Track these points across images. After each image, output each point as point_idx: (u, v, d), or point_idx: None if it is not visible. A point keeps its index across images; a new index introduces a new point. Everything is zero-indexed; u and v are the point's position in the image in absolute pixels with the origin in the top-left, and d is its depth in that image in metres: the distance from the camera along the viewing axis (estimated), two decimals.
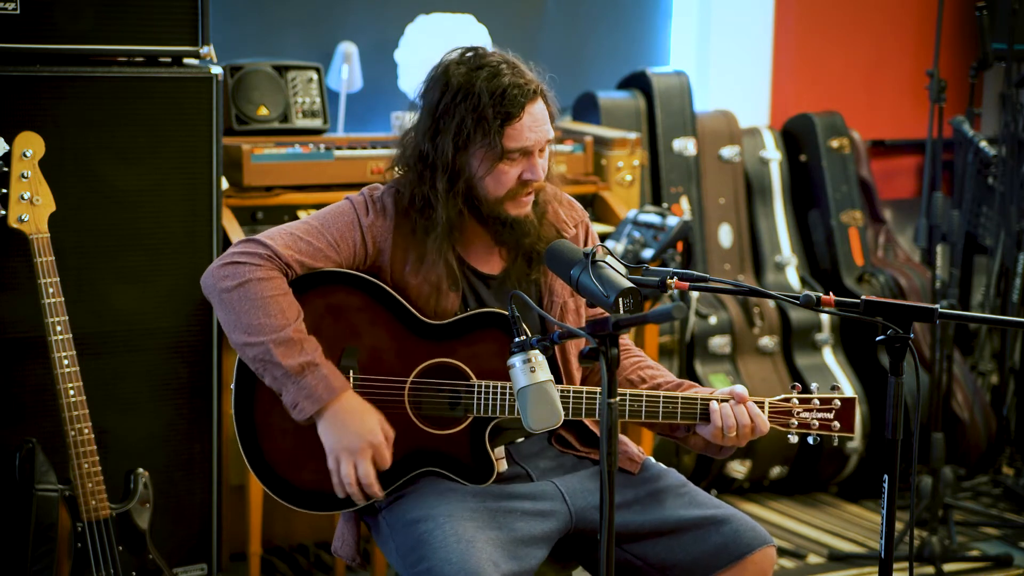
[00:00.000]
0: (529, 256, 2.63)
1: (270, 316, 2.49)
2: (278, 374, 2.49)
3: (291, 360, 2.48)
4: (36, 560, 3.10)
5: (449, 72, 2.57)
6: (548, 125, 2.59)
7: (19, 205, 3.08)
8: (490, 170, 2.55)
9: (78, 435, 3.07)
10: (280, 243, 2.56)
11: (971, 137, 4.80)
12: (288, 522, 4.14)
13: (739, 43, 5.19)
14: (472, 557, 2.40)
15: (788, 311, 4.88)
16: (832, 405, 2.60)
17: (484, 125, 2.52)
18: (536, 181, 2.57)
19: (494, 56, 2.59)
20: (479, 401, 2.57)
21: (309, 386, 2.48)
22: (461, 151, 2.55)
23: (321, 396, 2.48)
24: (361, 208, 2.62)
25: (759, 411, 2.57)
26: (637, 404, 2.57)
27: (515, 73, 2.56)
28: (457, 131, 2.53)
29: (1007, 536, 4.51)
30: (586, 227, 2.78)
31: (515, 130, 2.53)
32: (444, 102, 2.56)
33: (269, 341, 2.48)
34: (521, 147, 2.54)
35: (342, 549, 2.70)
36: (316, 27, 4.55)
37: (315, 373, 2.49)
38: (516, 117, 2.53)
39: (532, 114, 2.55)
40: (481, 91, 2.52)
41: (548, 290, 2.69)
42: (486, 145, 2.53)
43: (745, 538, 2.56)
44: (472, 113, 2.52)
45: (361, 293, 2.60)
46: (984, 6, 4.59)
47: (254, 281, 2.51)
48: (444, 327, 2.59)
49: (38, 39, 3.28)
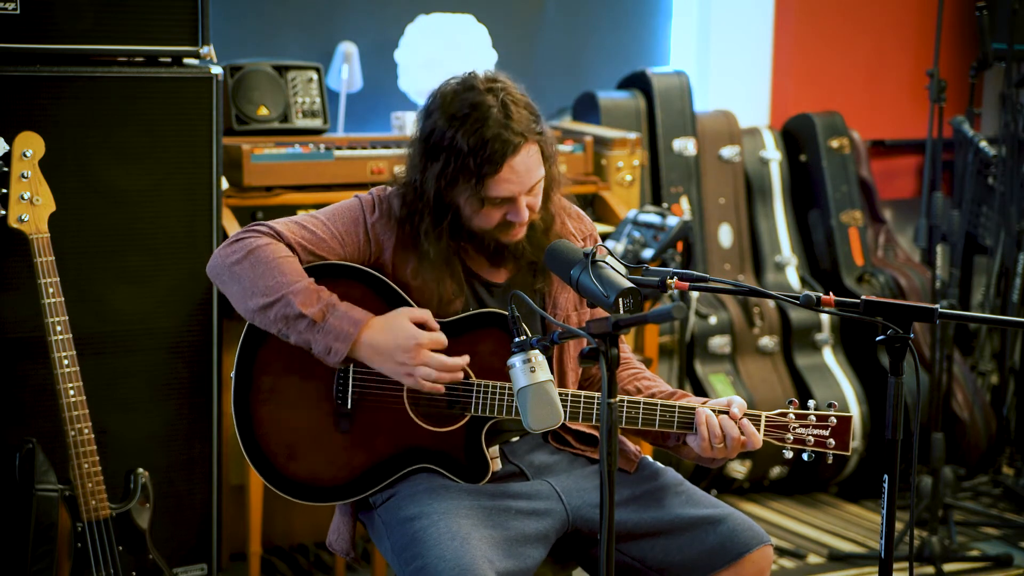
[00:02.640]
0: (534, 267, 2.64)
1: (284, 274, 2.52)
2: (302, 326, 2.50)
3: (311, 307, 2.49)
4: (36, 560, 3.10)
5: (440, 109, 2.55)
6: (536, 170, 2.55)
7: (19, 205, 3.08)
8: (475, 211, 2.56)
9: (78, 435, 3.07)
10: (282, 227, 2.60)
11: (971, 137, 4.80)
12: (288, 522, 4.14)
13: (739, 43, 5.19)
14: (467, 554, 2.40)
15: (788, 311, 4.88)
16: (828, 423, 2.57)
17: (466, 174, 2.51)
18: (521, 223, 2.57)
19: (488, 97, 2.52)
20: (477, 400, 2.57)
21: (334, 327, 2.49)
22: (447, 190, 2.55)
23: (348, 332, 2.49)
24: (368, 206, 2.64)
25: (752, 429, 2.55)
26: (634, 412, 2.57)
27: (503, 120, 2.50)
28: (442, 172, 2.54)
29: (1007, 536, 4.51)
30: (594, 240, 2.77)
31: (496, 182, 2.51)
32: (432, 140, 2.55)
33: (288, 293, 2.50)
34: (503, 197, 2.54)
35: (337, 543, 2.71)
36: (316, 27, 4.56)
37: (335, 313, 2.50)
38: (497, 171, 2.51)
39: (513, 167, 2.51)
40: (462, 144, 2.50)
41: (553, 301, 2.69)
42: (468, 191, 2.53)
43: (742, 538, 2.55)
44: (454, 161, 2.52)
45: (364, 287, 2.61)
46: (984, 6, 4.59)
47: (260, 247, 2.54)
48: (445, 325, 2.59)
49: (38, 39, 3.28)
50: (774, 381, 4.77)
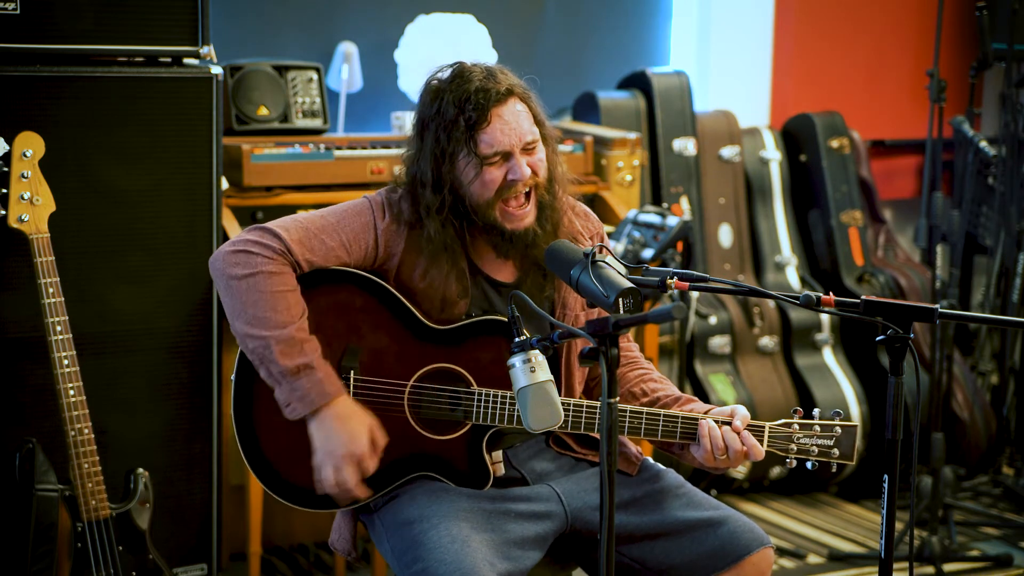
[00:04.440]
0: (543, 268, 2.62)
1: (276, 312, 2.49)
2: (274, 371, 2.49)
3: (289, 361, 2.48)
4: (36, 560, 3.10)
5: (425, 91, 2.59)
6: (528, 125, 2.56)
7: (19, 205, 3.08)
8: (474, 177, 2.55)
9: (78, 435, 3.07)
10: (295, 238, 2.55)
11: (971, 137, 4.80)
12: (288, 522, 4.15)
13: (739, 43, 5.19)
14: (467, 557, 2.40)
15: (788, 311, 4.88)
16: (833, 432, 2.56)
17: (456, 134, 2.52)
18: (521, 180, 2.55)
19: (474, 67, 2.57)
20: (478, 408, 2.56)
21: (302, 388, 2.48)
22: (444, 164, 2.55)
23: (313, 400, 2.49)
24: (379, 210, 2.61)
25: (754, 441, 2.54)
26: (637, 421, 2.56)
27: (486, 78, 2.54)
28: (435, 145, 2.54)
29: (1007, 536, 4.51)
30: (601, 238, 2.77)
31: (487, 134, 2.52)
32: (422, 119, 2.58)
33: (271, 338, 2.48)
34: (496, 151, 2.53)
35: (338, 543, 2.71)
36: (316, 27, 4.55)
37: (310, 376, 2.49)
38: (485, 121, 2.51)
39: (502, 116, 2.53)
40: (448, 102, 2.53)
41: (561, 303, 2.68)
42: (463, 153, 2.53)
43: (743, 539, 2.55)
44: (444, 125, 2.53)
45: (366, 294, 2.60)
46: (984, 6, 4.59)
47: (264, 274, 2.51)
48: (447, 332, 2.58)
49: (38, 39, 3.28)
50: (774, 381, 4.77)
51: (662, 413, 2.55)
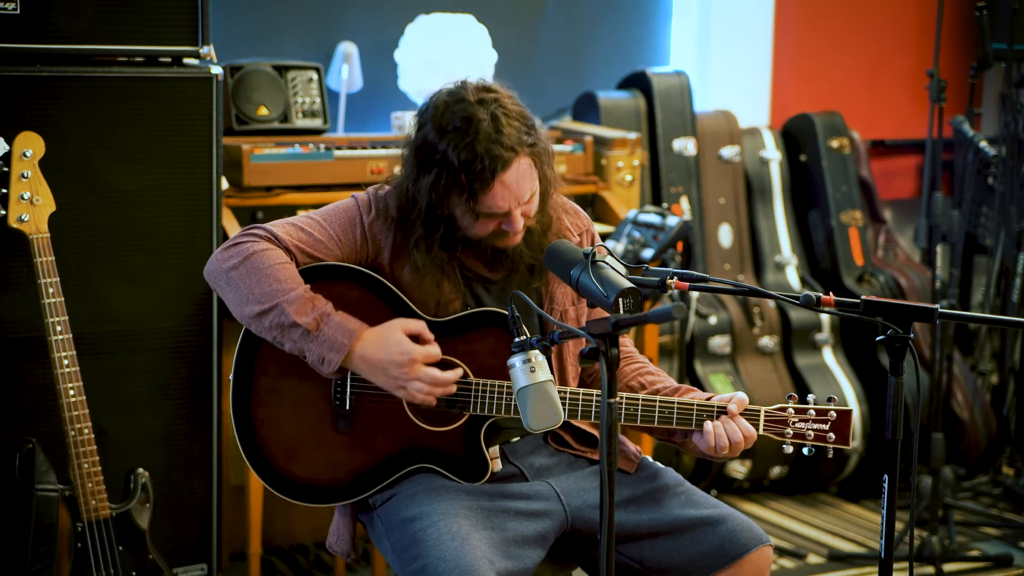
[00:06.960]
0: (531, 265, 2.63)
1: (279, 281, 2.51)
2: (296, 335, 2.50)
3: (305, 316, 2.49)
4: (36, 560, 3.10)
5: (431, 121, 2.53)
6: (528, 183, 2.53)
7: (19, 205, 3.08)
8: (470, 223, 2.55)
9: (78, 435, 3.07)
10: (280, 230, 2.59)
11: (971, 137, 4.80)
12: (288, 522, 4.15)
13: (739, 43, 5.19)
14: (467, 555, 2.40)
15: (788, 311, 4.88)
16: (828, 417, 2.57)
17: (457, 187, 2.50)
18: (515, 232, 2.55)
19: (478, 110, 2.49)
20: (475, 399, 2.57)
21: (328, 337, 2.49)
22: (440, 201, 2.54)
23: (342, 341, 2.49)
24: (364, 206, 2.63)
25: (747, 424, 2.55)
26: (633, 408, 2.57)
27: (494, 134, 2.48)
28: (434, 185, 2.52)
29: (1007, 536, 4.51)
30: (591, 235, 2.77)
31: (488, 198, 2.50)
32: (424, 152, 2.54)
33: (283, 302, 2.49)
34: (494, 212, 2.53)
35: (337, 544, 2.71)
36: (316, 27, 4.55)
37: (329, 322, 2.50)
38: (488, 187, 2.49)
39: (504, 182, 2.49)
40: (453, 158, 2.48)
41: (549, 298, 2.68)
42: (461, 204, 2.52)
43: (742, 538, 2.55)
44: (445, 170, 2.50)
45: (362, 288, 2.61)
46: (984, 6, 4.59)
47: (257, 253, 2.53)
48: (443, 324, 2.59)
49: (38, 39, 3.28)
50: (774, 381, 4.77)
51: (658, 400, 2.56)
